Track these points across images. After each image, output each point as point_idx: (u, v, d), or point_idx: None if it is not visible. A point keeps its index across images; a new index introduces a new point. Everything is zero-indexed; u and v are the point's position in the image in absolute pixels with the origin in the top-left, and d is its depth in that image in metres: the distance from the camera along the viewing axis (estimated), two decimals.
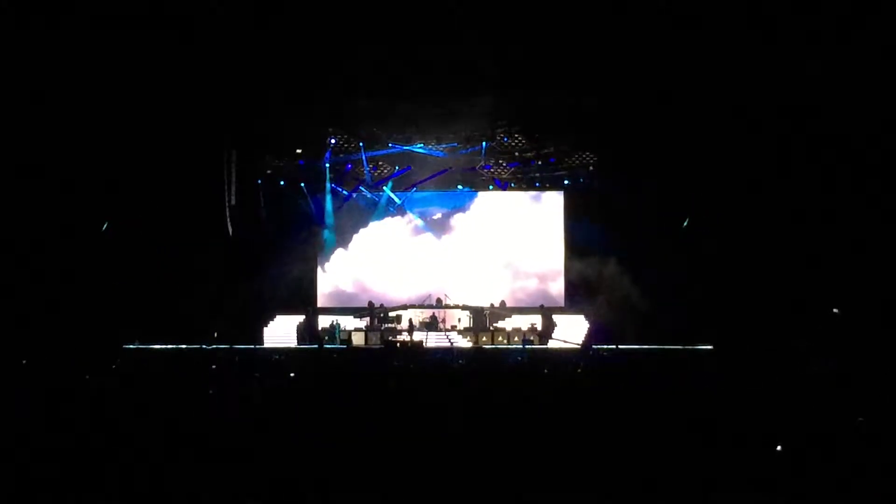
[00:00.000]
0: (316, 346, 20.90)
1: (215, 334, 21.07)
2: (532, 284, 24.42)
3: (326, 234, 24.64)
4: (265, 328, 22.26)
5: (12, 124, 18.26)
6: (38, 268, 19.21)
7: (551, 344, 21.61)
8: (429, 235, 24.89)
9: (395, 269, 24.54)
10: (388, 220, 24.92)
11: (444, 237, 24.89)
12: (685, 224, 21.65)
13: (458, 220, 24.94)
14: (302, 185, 24.22)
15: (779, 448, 6.80)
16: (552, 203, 24.64)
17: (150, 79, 18.35)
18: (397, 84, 19.41)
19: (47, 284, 19.26)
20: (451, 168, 23.91)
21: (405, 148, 23.50)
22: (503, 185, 24.75)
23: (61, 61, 17.62)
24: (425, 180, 24.20)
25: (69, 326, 18.08)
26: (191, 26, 16.73)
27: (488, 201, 24.92)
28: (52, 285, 19.33)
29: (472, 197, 24.89)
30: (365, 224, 24.87)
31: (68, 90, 18.32)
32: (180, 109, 19.75)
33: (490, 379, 11.22)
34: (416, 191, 24.56)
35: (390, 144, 23.51)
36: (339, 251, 24.82)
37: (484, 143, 23.50)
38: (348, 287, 24.71)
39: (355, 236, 24.85)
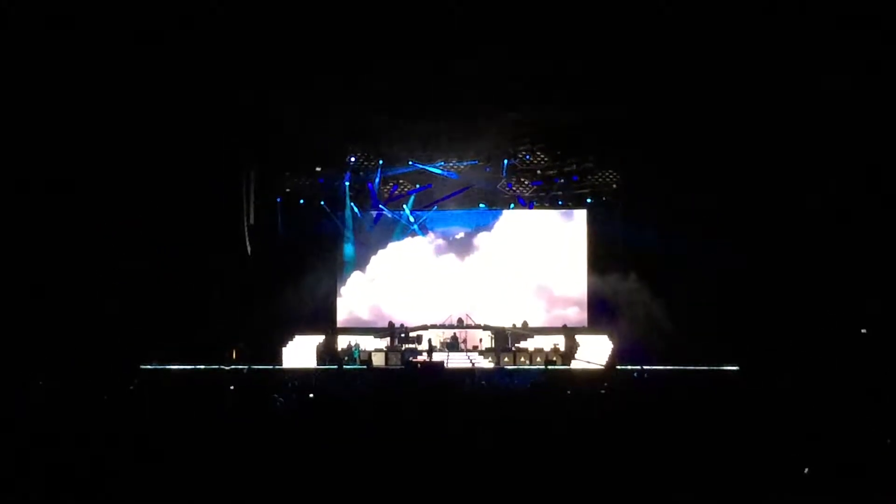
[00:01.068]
0: (336, 366, 20.73)
1: (234, 355, 20.96)
2: (555, 304, 24.12)
3: (347, 251, 24.50)
4: (284, 349, 22.06)
5: (33, 141, 18.30)
6: (55, 288, 19.16)
7: (574, 365, 21.31)
8: (451, 255, 24.70)
9: (416, 290, 24.33)
10: (409, 239, 24.75)
11: (466, 256, 24.68)
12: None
13: (479, 239, 24.72)
14: (322, 203, 24.13)
15: (806, 471, 6.62)
16: (575, 221, 24.39)
17: (168, 97, 18.33)
18: (418, 101, 19.29)
19: (65, 305, 19.19)
20: (472, 185, 23.77)
21: (418, 166, 23.37)
22: (528, 204, 24.54)
23: (82, 88, 17.72)
24: (446, 198, 24.06)
25: (87, 347, 18.01)
26: (209, 43, 16.70)
27: (510, 220, 24.68)
28: (69, 306, 19.25)
29: (493, 216, 24.67)
30: (385, 244, 24.72)
31: (89, 111, 18.36)
32: (198, 128, 19.71)
33: (512, 400, 11.03)
34: (436, 209, 24.39)
35: (410, 163, 23.40)
36: (359, 272, 24.67)
37: (505, 161, 23.36)
38: (368, 307, 24.51)
39: (375, 257, 24.70)
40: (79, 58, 16.90)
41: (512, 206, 24.57)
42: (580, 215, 24.30)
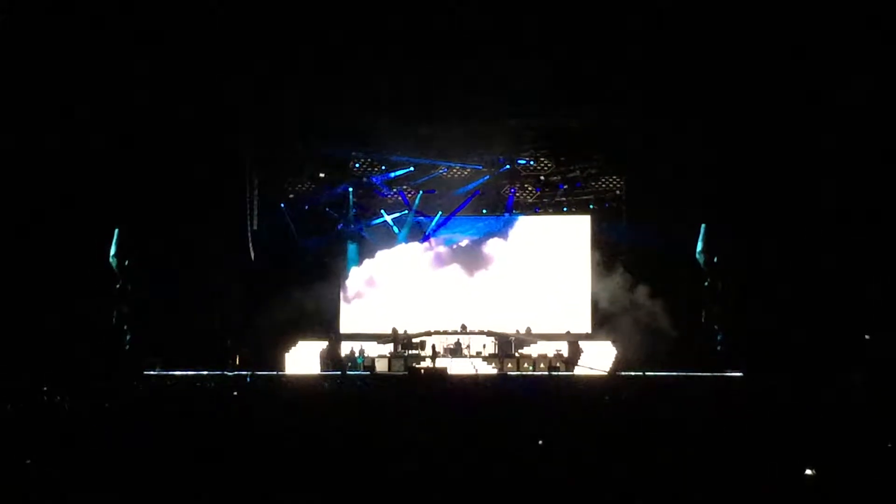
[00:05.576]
0: (339, 372, 20.72)
1: (237, 360, 20.97)
2: (558, 310, 24.06)
3: (351, 257, 24.46)
4: (287, 354, 22.05)
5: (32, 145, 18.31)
6: (59, 292, 19.14)
7: (578, 371, 21.28)
8: (453, 262, 24.68)
9: (419, 296, 24.30)
10: (411, 245, 24.70)
11: (469, 263, 24.64)
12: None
13: (482, 245, 24.69)
14: (327, 209, 24.12)
15: (808, 472, 6.59)
16: (578, 227, 24.37)
17: (171, 100, 18.36)
18: (421, 105, 19.31)
19: (68, 310, 19.17)
20: (479, 191, 23.78)
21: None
22: (531, 210, 24.53)
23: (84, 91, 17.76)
24: (459, 208, 24.05)
25: (90, 352, 18.02)
26: (210, 45, 16.74)
27: (513, 226, 24.68)
28: (72, 311, 19.23)
29: (496, 222, 24.66)
30: (388, 250, 24.68)
31: (91, 117, 18.40)
32: (201, 134, 19.74)
33: (515, 406, 11.01)
34: (440, 216, 24.37)
35: (410, 168, 23.46)
36: (363, 278, 24.64)
37: (507, 166, 23.40)
38: (371, 313, 24.47)
39: (379, 263, 24.66)
40: (78, 59, 16.95)
41: (515, 212, 24.54)
42: (584, 221, 24.29)
